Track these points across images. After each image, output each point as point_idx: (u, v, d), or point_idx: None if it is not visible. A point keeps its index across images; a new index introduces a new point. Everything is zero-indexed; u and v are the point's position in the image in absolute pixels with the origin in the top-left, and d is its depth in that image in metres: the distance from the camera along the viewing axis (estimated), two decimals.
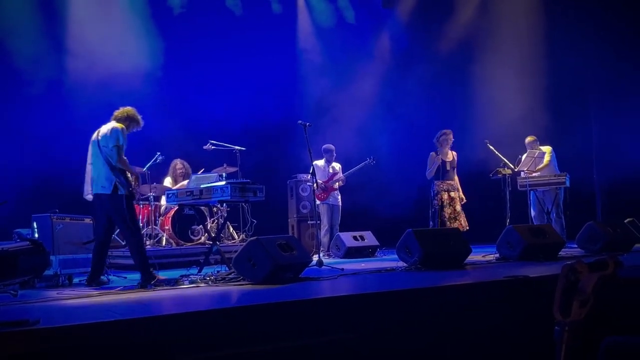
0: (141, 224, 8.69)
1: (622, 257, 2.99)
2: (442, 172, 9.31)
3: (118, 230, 7.31)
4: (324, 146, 10.51)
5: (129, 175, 6.35)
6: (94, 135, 6.48)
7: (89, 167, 6.52)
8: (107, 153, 6.26)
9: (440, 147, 9.42)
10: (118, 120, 6.49)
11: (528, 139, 10.36)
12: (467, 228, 9.20)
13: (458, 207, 9.25)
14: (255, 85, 12.11)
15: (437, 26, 13.53)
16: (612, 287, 2.59)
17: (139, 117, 6.63)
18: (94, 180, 6.38)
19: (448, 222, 9.10)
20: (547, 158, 10.12)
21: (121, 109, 6.57)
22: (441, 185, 9.26)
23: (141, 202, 9.34)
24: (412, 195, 12.54)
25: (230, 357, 3.79)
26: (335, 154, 10.53)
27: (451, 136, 9.43)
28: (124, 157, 6.31)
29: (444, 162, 9.34)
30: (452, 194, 9.27)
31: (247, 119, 11.73)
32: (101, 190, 6.28)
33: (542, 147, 10.28)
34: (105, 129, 6.40)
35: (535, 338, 4.06)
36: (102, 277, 6.57)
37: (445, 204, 9.19)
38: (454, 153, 9.54)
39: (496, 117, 11.98)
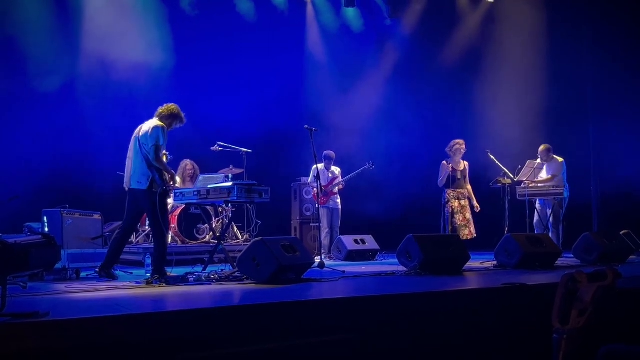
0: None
1: (617, 268, 3.09)
2: (453, 181, 9.44)
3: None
4: (325, 152, 10.61)
5: (164, 174, 6.46)
6: (136, 131, 6.56)
7: (128, 162, 6.59)
8: (146, 150, 6.35)
9: (453, 156, 9.54)
10: (161, 117, 6.57)
11: (542, 148, 10.27)
12: (475, 235, 9.34)
13: (468, 215, 9.40)
14: (263, 89, 12.22)
15: (442, 37, 13.64)
16: (610, 297, 2.70)
17: (182, 114, 6.72)
18: (131, 175, 6.48)
19: (459, 230, 9.26)
20: (560, 169, 10.17)
21: (165, 106, 6.64)
22: (452, 194, 9.41)
23: None
24: (413, 201, 12.65)
25: (233, 356, 3.85)
26: (333, 161, 10.65)
27: (464, 146, 9.57)
28: (161, 156, 6.40)
29: (455, 171, 9.47)
30: (463, 202, 9.41)
31: (254, 121, 11.82)
32: (137, 186, 6.41)
33: (556, 157, 10.33)
34: (147, 126, 6.47)
35: (532, 345, 4.16)
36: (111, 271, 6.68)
37: (456, 211, 9.34)
38: (466, 162, 9.68)
39: (497, 128, 12.09)
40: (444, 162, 9.59)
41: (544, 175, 10.24)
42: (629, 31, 12.23)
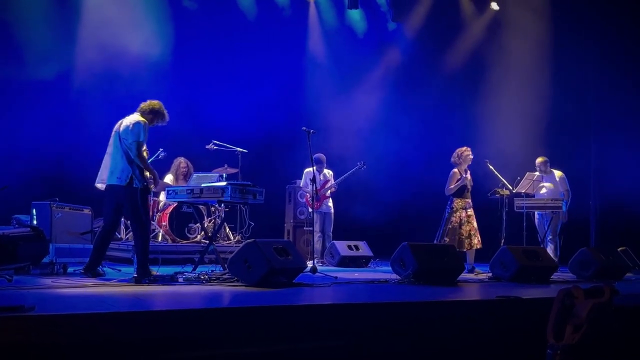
0: None
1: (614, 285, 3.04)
2: (462, 190, 9.11)
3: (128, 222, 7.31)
4: (316, 155, 10.47)
5: (145, 171, 6.35)
6: (116, 126, 6.43)
7: (106, 157, 6.48)
8: (127, 146, 6.24)
9: (463, 164, 9.19)
10: (143, 112, 6.44)
11: (540, 160, 10.25)
12: (480, 246, 9.05)
13: (475, 224, 9.07)
14: (261, 88, 12.18)
15: (446, 42, 13.63)
16: (606, 313, 2.63)
17: (165, 111, 6.58)
18: (110, 171, 6.37)
19: (466, 240, 8.92)
20: (565, 182, 10.14)
21: (148, 102, 6.51)
22: (460, 203, 9.04)
23: None
24: (410, 208, 12.61)
25: (221, 358, 3.80)
26: (325, 164, 10.57)
27: (471, 154, 9.31)
28: (143, 152, 6.29)
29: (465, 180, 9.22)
30: (469, 211, 9.05)
31: (251, 121, 11.79)
32: (116, 182, 6.27)
33: (554, 170, 10.27)
34: (128, 121, 6.35)
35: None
36: (102, 268, 6.60)
37: (463, 222, 9.02)
38: (469, 170, 9.37)
39: (497, 137, 12.04)
40: (456, 170, 9.18)
41: (546, 188, 10.17)
42: (634, 44, 12.21)
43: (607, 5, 12.44)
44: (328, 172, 10.64)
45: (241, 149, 10.11)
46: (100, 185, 6.65)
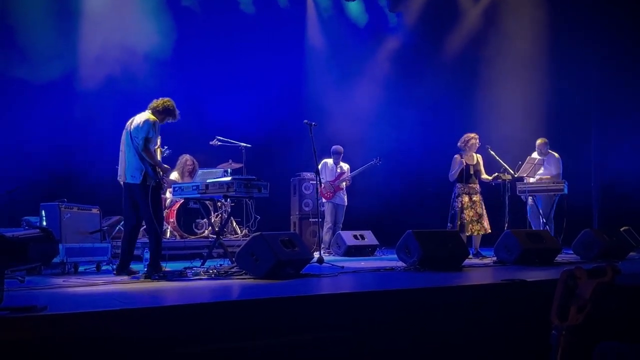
0: None
1: (617, 265, 3.08)
2: (465, 175, 9.14)
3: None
4: (333, 147, 10.59)
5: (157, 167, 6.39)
6: (128, 124, 6.49)
7: (121, 155, 6.52)
8: (137, 143, 6.30)
9: (468, 150, 9.26)
10: (154, 110, 6.48)
11: (539, 141, 10.30)
12: (489, 231, 9.08)
13: (480, 210, 9.08)
14: (263, 84, 12.19)
15: (444, 30, 13.61)
16: (609, 293, 2.68)
17: (177, 111, 6.63)
18: (124, 169, 6.42)
19: (469, 225, 8.98)
20: (559, 166, 10.20)
21: (161, 100, 6.54)
22: (462, 188, 9.08)
23: None
24: (413, 196, 12.63)
25: (231, 351, 3.83)
26: (342, 156, 10.62)
27: (478, 140, 9.33)
28: (149, 148, 6.31)
29: (467, 166, 9.16)
30: (475, 197, 9.08)
31: (253, 116, 11.82)
32: (131, 180, 6.35)
33: (552, 152, 10.32)
34: (138, 119, 6.40)
35: (531, 341, 4.15)
36: (113, 266, 6.65)
37: (465, 206, 9.03)
38: (479, 156, 9.38)
39: (498, 123, 12.05)
40: (457, 155, 9.28)
41: (542, 171, 10.21)
42: (634, 29, 12.20)
43: None
44: (345, 165, 10.70)
45: (245, 144, 10.15)
46: (121, 181, 6.69)
